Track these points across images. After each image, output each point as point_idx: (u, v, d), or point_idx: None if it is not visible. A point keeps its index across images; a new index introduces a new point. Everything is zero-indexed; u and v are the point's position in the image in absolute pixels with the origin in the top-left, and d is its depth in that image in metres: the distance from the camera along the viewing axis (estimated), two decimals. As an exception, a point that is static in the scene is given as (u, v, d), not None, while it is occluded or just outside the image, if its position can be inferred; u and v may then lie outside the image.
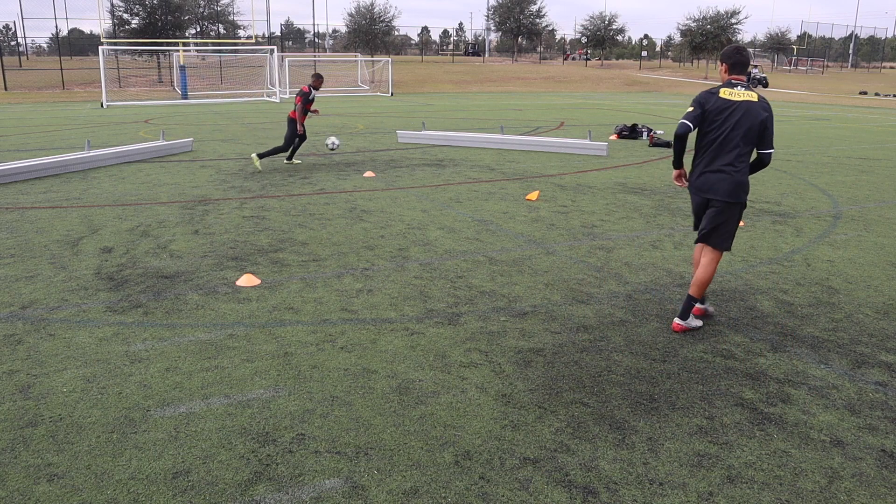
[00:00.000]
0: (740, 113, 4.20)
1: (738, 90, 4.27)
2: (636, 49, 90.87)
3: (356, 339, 4.33)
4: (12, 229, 7.05)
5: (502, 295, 5.14)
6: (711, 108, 4.28)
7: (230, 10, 50.56)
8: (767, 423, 3.38)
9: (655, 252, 6.36)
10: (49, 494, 2.78)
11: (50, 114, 23.26)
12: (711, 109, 4.28)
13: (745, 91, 4.27)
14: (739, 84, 4.31)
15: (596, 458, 3.06)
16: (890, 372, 3.94)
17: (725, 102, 4.24)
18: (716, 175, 4.31)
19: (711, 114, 4.28)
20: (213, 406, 3.48)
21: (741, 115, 4.20)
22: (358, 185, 9.63)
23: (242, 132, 16.82)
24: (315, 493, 2.80)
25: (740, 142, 4.23)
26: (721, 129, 4.24)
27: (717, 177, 4.31)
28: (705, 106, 4.29)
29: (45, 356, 4.04)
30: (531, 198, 8.67)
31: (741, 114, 4.20)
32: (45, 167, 10.40)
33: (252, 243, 6.54)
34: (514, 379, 3.80)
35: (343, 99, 33.44)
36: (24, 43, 53.67)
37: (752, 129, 4.21)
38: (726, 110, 4.23)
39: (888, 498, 2.81)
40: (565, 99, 33.97)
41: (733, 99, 4.24)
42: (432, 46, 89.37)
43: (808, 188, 9.71)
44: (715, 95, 4.29)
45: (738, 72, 4.37)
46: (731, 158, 4.25)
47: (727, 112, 4.23)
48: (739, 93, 4.26)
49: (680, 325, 4.45)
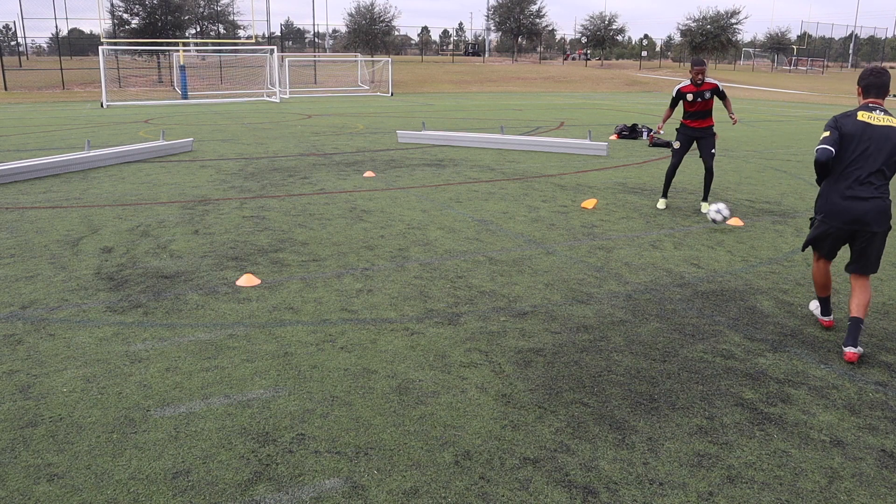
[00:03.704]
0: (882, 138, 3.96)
1: (876, 114, 4.03)
2: (636, 49, 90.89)
3: (356, 339, 4.33)
4: (12, 229, 7.05)
5: (502, 295, 5.14)
6: (848, 132, 4.03)
7: (230, 10, 50.53)
8: (767, 423, 3.38)
9: (655, 252, 6.36)
10: (49, 494, 2.78)
11: (50, 114, 23.26)
12: (848, 133, 4.03)
13: (884, 116, 4.02)
14: (878, 108, 4.07)
15: (596, 458, 3.06)
16: (890, 372, 3.94)
17: (865, 126, 4.00)
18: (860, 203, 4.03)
19: (848, 137, 4.03)
20: (213, 406, 3.48)
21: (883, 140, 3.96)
22: (358, 185, 9.63)
23: (242, 132, 16.82)
24: (315, 493, 2.80)
25: (883, 167, 3.98)
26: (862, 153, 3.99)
27: (863, 205, 4.03)
28: (842, 129, 4.04)
29: (45, 356, 4.04)
30: (587, 205, 8.22)
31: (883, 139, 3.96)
32: (45, 167, 10.40)
33: (252, 243, 6.54)
34: (514, 379, 3.80)
35: (343, 99, 33.44)
36: (24, 43, 53.67)
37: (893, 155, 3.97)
38: (865, 134, 3.99)
39: (888, 498, 2.81)
40: (565, 99, 33.98)
41: (873, 123, 3.99)
42: (432, 46, 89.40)
43: (809, 188, 9.71)
44: (852, 118, 4.05)
45: (874, 95, 4.12)
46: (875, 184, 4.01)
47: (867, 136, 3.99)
48: (879, 117, 4.02)
49: (855, 353, 4.06)
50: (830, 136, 4.04)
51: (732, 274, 5.73)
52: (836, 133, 4.05)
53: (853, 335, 4.07)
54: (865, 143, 3.99)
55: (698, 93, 7.63)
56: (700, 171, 9.89)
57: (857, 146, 4.00)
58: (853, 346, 4.05)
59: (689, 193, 9.06)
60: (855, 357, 4.02)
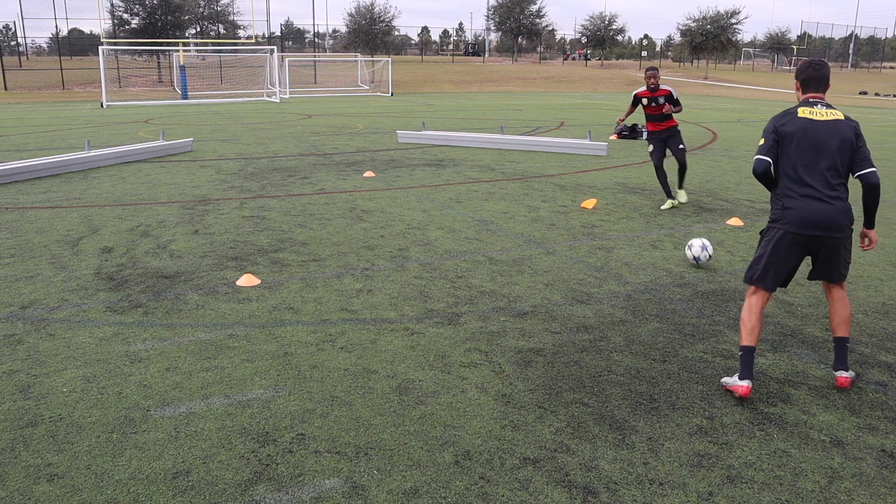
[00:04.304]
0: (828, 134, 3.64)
1: (818, 109, 3.71)
2: (636, 49, 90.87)
3: (356, 339, 4.33)
4: (12, 229, 7.05)
5: (502, 295, 5.14)
6: (789, 133, 3.68)
7: (230, 10, 50.56)
8: (767, 423, 3.38)
9: (655, 252, 6.36)
10: (49, 494, 2.78)
11: (50, 114, 23.26)
12: (789, 134, 3.68)
13: (827, 110, 3.70)
14: (819, 103, 3.74)
15: (596, 458, 3.06)
16: (890, 372, 3.94)
17: (807, 122, 3.67)
18: (818, 205, 3.63)
19: (791, 138, 3.68)
20: (213, 406, 3.48)
21: (829, 136, 3.63)
22: (358, 185, 9.63)
23: (242, 132, 16.82)
24: (315, 493, 2.80)
25: (835, 165, 3.65)
26: (809, 153, 3.66)
27: (821, 208, 3.63)
28: (782, 132, 3.70)
29: (45, 356, 4.04)
30: (587, 205, 8.26)
31: (829, 135, 3.63)
32: (45, 167, 10.40)
33: (252, 243, 6.54)
34: (514, 379, 3.80)
35: (343, 99, 33.44)
36: (24, 43, 53.67)
37: (842, 149, 3.64)
38: (809, 132, 3.65)
39: (888, 498, 2.81)
40: (565, 99, 33.97)
41: (816, 119, 3.67)
42: (432, 46, 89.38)
43: (808, 188, 9.69)
44: (792, 117, 3.72)
45: (814, 89, 3.78)
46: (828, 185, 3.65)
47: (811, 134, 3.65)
48: (821, 112, 3.69)
49: (848, 378, 3.74)
50: (765, 145, 3.73)
51: (732, 274, 5.73)
52: (773, 139, 3.73)
53: (842, 358, 3.77)
54: (811, 142, 3.66)
55: (653, 98, 8.08)
56: (697, 171, 9.89)
57: (803, 146, 3.67)
58: (844, 371, 3.75)
59: (688, 193, 9.05)
60: (848, 382, 3.71)
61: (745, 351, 3.65)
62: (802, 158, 3.65)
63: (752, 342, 3.67)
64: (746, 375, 3.61)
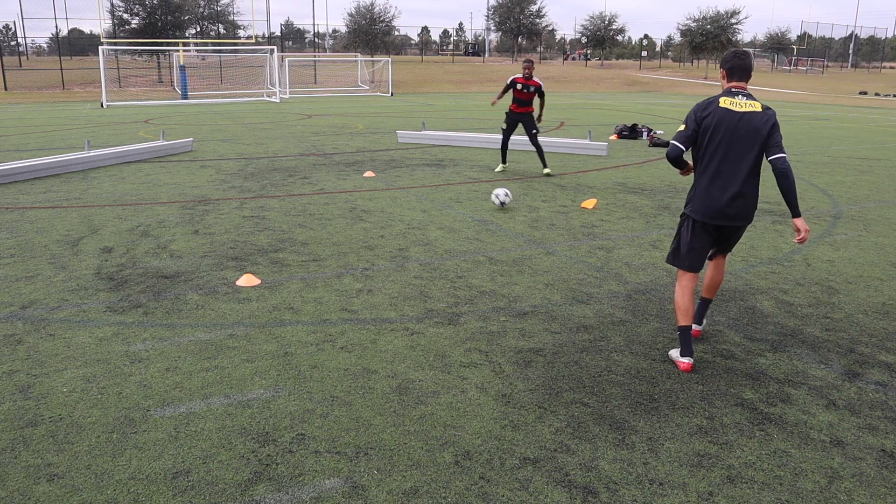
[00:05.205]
0: (745, 125, 3.76)
1: (739, 100, 3.81)
2: (636, 49, 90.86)
3: (356, 339, 4.33)
4: (12, 229, 7.05)
5: (502, 295, 5.14)
6: (709, 122, 3.81)
7: (230, 10, 50.57)
8: (767, 423, 3.38)
9: (655, 252, 6.36)
10: (49, 494, 2.78)
11: (50, 114, 23.26)
12: (709, 124, 3.81)
13: (747, 101, 3.80)
14: (741, 93, 3.84)
15: (596, 458, 3.06)
16: (890, 372, 3.94)
17: (726, 113, 3.78)
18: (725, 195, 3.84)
19: (709, 127, 3.81)
20: (213, 406, 3.48)
21: (746, 127, 3.76)
22: (358, 185, 9.63)
23: (242, 132, 16.82)
24: (315, 493, 2.80)
25: (749, 156, 3.80)
26: (726, 143, 3.79)
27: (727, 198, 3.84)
28: (702, 121, 3.83)
29: (45, 356, 4.04)
30: (587, 205, 8.25)
31: (746, 126, 3.76)
32: (45, 167, 10.40)
33: (252, 243, 6.54)
34: (514, 379, 3.80)
35: (343, 99, 33.44)
36: (24, 43, 53.68)
37: (756, 140, 3.78)
38: (727, 122, 3.77)
39: (888, 498, 2.81)
40: (565, 99, 33.97)
41: (735, 110, 3.78)
42: (432, 46, 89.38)
43: (808, 188, 9.71)
44: (714, 106, 3.82)
45: (738, 78, 3.88)
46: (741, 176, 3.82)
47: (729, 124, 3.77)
48: (741, 102, 3.80)
49: (700, 330, 4.33)
50: (684, 132, 3.87)
51: (732, 274, 5.73)
52: (693, 127, 3.85)
53: (703, 313, 4.29)
54: (728, 132, 3.77)
55: (525, 85, 10.23)
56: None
57: (721, 135, 3.78)
58: (699, 325, 4.28)
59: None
60: (699, 333, 4.22)
61: (682, 330, 3.97)
62: (716, 148, 3.85)
63: (688, 322, 3.98)
64: (687, 353, 3.94)
